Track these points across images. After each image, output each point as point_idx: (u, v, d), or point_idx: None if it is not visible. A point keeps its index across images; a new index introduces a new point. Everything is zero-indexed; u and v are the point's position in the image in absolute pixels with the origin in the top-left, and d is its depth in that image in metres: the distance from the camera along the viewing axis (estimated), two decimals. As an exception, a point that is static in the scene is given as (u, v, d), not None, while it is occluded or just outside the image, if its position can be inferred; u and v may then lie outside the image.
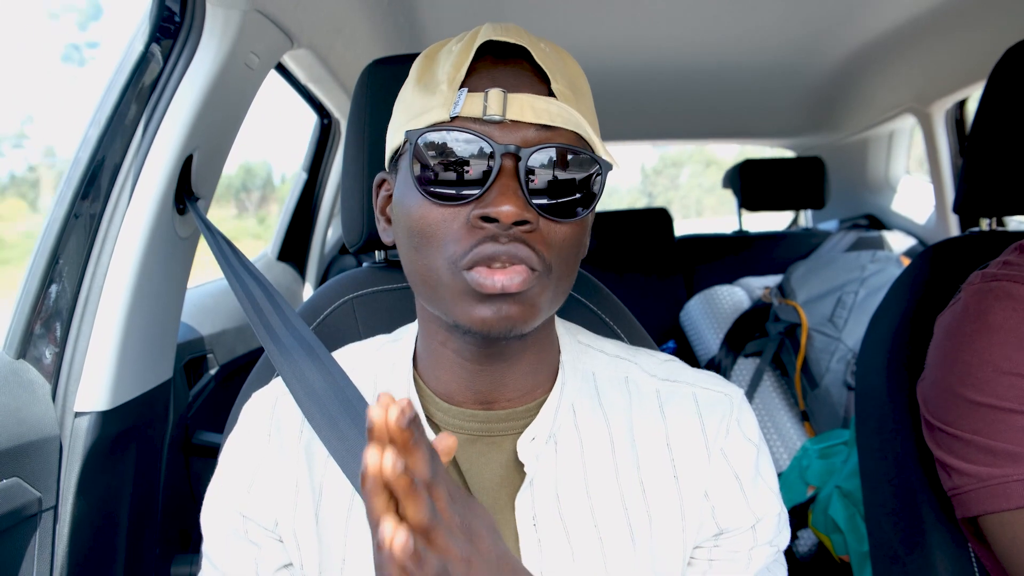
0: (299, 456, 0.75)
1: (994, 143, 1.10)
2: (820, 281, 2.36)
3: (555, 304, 0.69)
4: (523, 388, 0.74)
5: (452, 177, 0.64)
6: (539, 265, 0.64)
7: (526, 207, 0.62)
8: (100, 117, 1.18)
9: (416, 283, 0.69)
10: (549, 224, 0.65)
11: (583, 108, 0.67)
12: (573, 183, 0.65)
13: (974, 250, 1.13)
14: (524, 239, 0.63)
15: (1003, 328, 0.87)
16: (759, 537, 0.73)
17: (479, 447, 0.73)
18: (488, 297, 0.63)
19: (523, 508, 0.71)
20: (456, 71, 0.65)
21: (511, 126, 0.63)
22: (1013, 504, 0.84)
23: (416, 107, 0.67)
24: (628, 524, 0.71)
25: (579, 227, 0.67)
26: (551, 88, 0.65)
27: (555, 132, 0.64)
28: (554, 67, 0.66)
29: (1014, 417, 0.85)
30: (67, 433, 1.15)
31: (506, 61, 0.66)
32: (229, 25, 1.20)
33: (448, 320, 0.67)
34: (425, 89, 0.67)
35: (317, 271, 2.62)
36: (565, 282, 0.68)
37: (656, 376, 0.78)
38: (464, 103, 0.63)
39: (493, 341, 0.67)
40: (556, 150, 0.64)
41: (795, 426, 2.25)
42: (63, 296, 1.17)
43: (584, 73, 0.72)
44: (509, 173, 0.63)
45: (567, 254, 0.67)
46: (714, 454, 0.73)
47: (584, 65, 0.78)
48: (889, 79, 2.52)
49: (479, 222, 0.62)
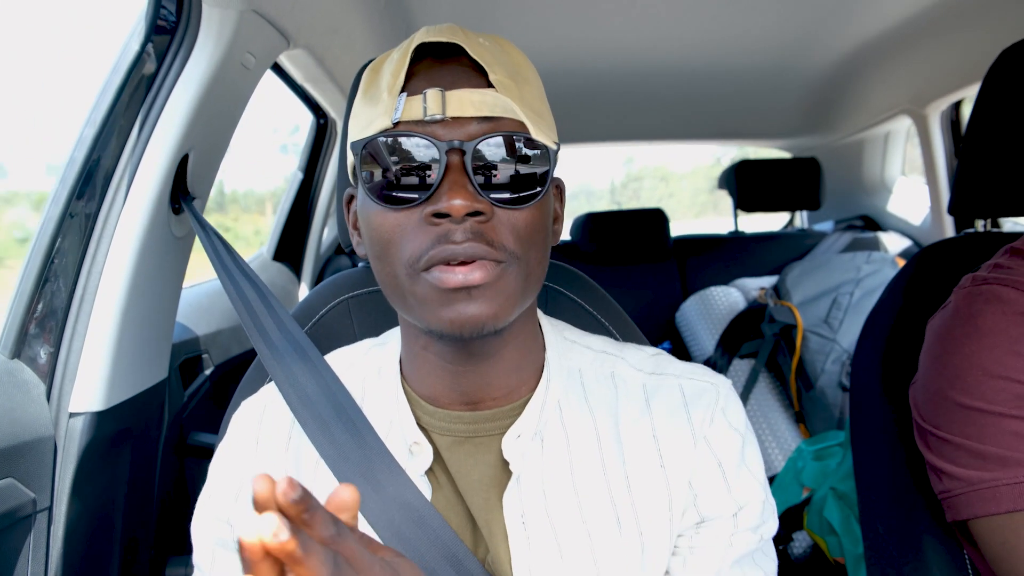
0: (287, 463, 0.75)
1: (989, 145, 1.10)
2: (815, 282, 2.37)
3: (527, 294, 0.69)
4: (508, 386, 0.74)
5: (402, 181, 0.65)
6: (502, 256, 0.64)
7: (476, 198, 0.63)
8: (96, 117, 1.17)
9: (386, 292, 0.70)
10: (507, 213, 0.65)
11: (527, 95, 0.68)
12: (520, 170, 0.66)
13: (968, 251, 1.13)
14: (481, 232, 0.63)
15: (992, 332, 0.87)
16: (740, 523, 0.73)
17: (467, 448, 0.73)
18: (452, 294, 0.63)
19: (511, 506, 0.71)
20: (395, 78, 0.66)
21: (453, 123, 0.64)
22: (1002, 508, 0.84)
23: (363, 119, 0.68)
24: (616, 518, 0.71)
25: (537, 211, 0.68)
26: (491, 80, 0.66)
27: (498, 122, 0.65)
28: (491, 59, 0.67)
29: (1004, 421, 0.85)
30: (62, 433, 1.14)
31: (444, 61, 0.67)
32: (225, 25, 1.19)
33: (421, 326, 0.67)
34: (370, 100, 0.68)
35: (313, 271, 2.62)
36: (536, 270, 0.69)
37: (643, 370, 0.78)
38: (404, 107, 0.65)
39: (470, 341, 0.67)
40: (502, 138, 0.64)
41: (790, 427, 2.26)
42: (58, 296, 1.16)
43: (529, 61, 0.73)
44: (456, 168, 0.63)
45: (530, 240, 0.67)
46: (699, 442, 0.73)
47: (577, 66, 0.78)
48: (885, 80, 2.53)
49: (432, 219, 0.63)
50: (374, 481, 0.71)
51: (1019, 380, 0.84)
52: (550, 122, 0.71)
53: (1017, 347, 0.85)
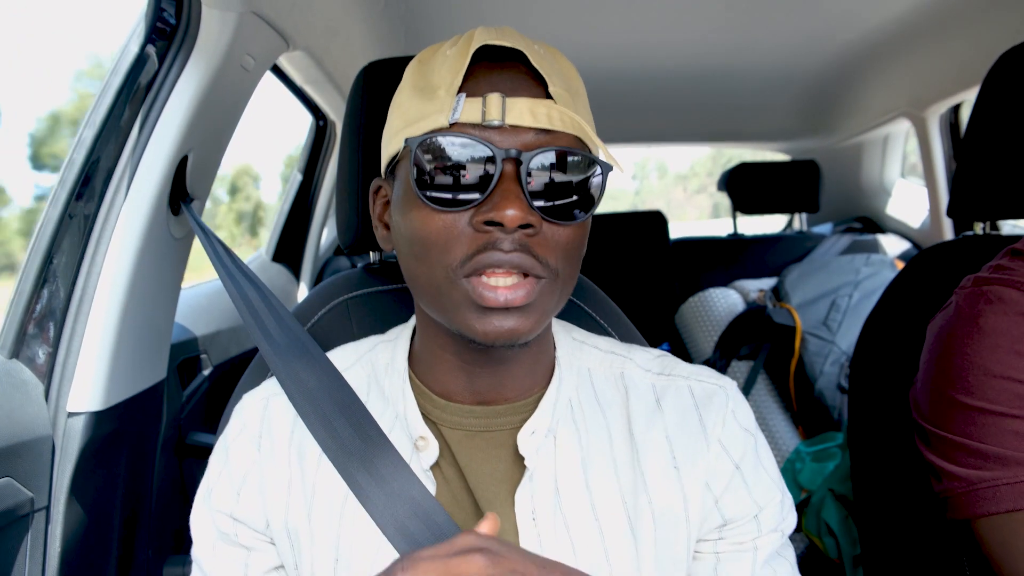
0: (291, 457, 0.75)
1: (988, 147, 1.10)
2: (814, 284, 2.37)
3: (559, 308, 0.69)
4: (521, 387, 0.74)
5: (452, 183, 0.63)
6: (543, 272, 0.64)
7: (529, 211, 0.62)
8: (95, 118, 1.17)
9: (416, 289, 0.69)
10: (552, 228, 0.65)
11: (580, 109, 0.68)
12: (573, 186, 0.65)
13: (967, 254, 1.13)
14: (528, 246, 0.63)
15: (994, 332, 0.88)
16: (763, 526, 0.74)
17: (478, 442, 0.73)
18: (492, 309, 0.63)
19: (523, 503, 0.71)
20: (453, 76, 0.65)
21: (510, 131, 0.63)
22: (1002, 508, 0.85)
23: (413, 113, 0.67)
24: (628, 517, 0.71)
25: (580, 229, 0.67)
26: (548, 91, 0.65)
27: (554, 135, 0.65)
28: (550, 69, 0.66)
29: (1004, 421, 0.85)
30: (60, 433, 1.14)
31: (502, 65, 0.66)
32: (225, 27, 1.20)
33: (451, 328, 0.67)
34: (422, 95, 0.67)
35: (312, 272, 2.62)
36: (569, 285, 0.69)
37: (651, 371, 0.78)
38: (463, 108, 0.63)
39: (495, 349, 0.67)
40: (556, 153, 0.64)
41: (788, 429, 2.26)
42: (57, 296, 1.17)
43: (579, 74, 0.72)
44: (511, 177, 0.63)
45: (570, 257, 0.67)
46: (713, 445, 0.73)
47: (580, 68, 0.78)
48: (884, 83, 2.53)
49: (483, 227, 0.62)
50: (377, 476, 0.71)
51: (1020, 380, 0.85)
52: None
53: (1018, 347, 0.86)
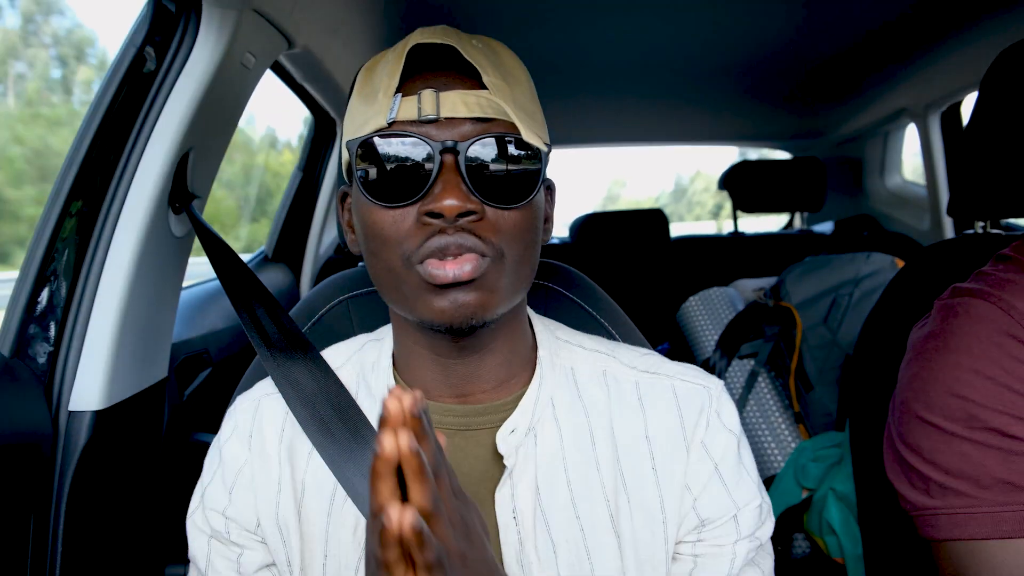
0: (281, 455, 0.76)
1: (988, 145, 1.10)
2: (815, 283, 2.37)
3: (516, 290, 0.70)
4: (497, 379, 0.75)
5: (396, 179, 0.66)
6: (489, 251, 0.66)
7: (468, 198, 0.65)
8: (96, 115, 1.17)
9: (379, 286, 0.71)
10: (497, 212, 0.67)
11: (518, 96, 0.69)
12: (512, 171, 0.67)
13: (968, 252, 1.13)
14: (471, 229, 0.65)
15: (957, 349, 0.85)
16: (742, 528, 0.74)
17: (457, 441, 0.74)
18: (443, 288, 0.65)
19: (503, 502, 0.71)
20: (390, 79, 0.67)
21: (447, 123, 0.66)
22: (941, 536, 0.84)
23: (358, 119, 0.70)
24: (610, 515, 0.72)
25: (528, 212, 0.69)
26: (483, 81, 0.67)
27: (492, 123, 0.67)
28: (484, 61, 0.68)
29: (954, 440, 0.83)
30: (61, 432, 1.14)
31: (437, 62, 0.68)
32: (226, 24, 1.20)
33: (413, 318, 0.69)
34: (365, 100, 0.70)
35: (312, 271, 2.62)
36: (524, 267, 0.70)
37: (635, 368, 0.79)
38: (399, 107, 0.66)
39: (460, 333, 0.69)
40: (494, 139, 0.66)
41: (790, 428, 2.25)
42: (58, 294, 1.16)
43: (521, 63, 0.74)
44: (450, 168, 0.65)
45: (520, 239, 0.69)
46: (693, 447, 0.74)
47: (575, 67, 0.79)
48: (885, 82, 2.53)
49: (426, 219, 0.65)
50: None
51: (973, 400, 0.82)
52: (541, 123, 0.73)
53: (978, 365, 0.83)
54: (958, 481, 0.82)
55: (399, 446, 0.45)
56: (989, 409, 0.81)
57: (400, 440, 0.46)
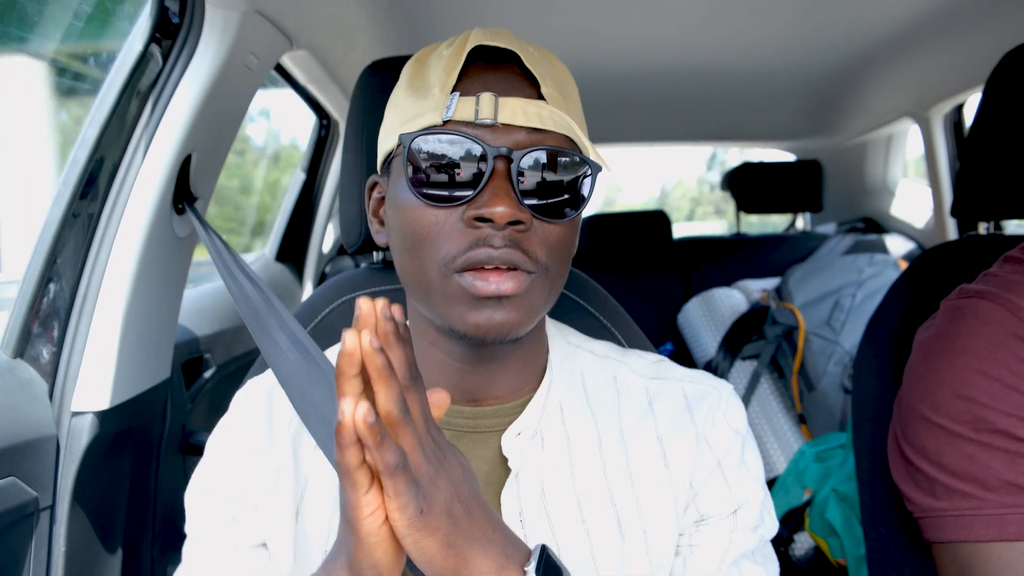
0: (286, 446, 0.75)
1: (991, 147, 1.10)
2: (818, 284, 2.36)
3: (549, 305, 0.70)
4: (511, 387, 0.75)
5: (445, 179, 0.65)
6: (533, 267, 0.65)
7: (519, 208, 0.64)
8: (99, 117, 1.17)
9: (408, 285, 0.70)
10: (542, 225, 0.66)
11: (572, 111, 0.69)
12: (563, 184, 0.67)
13: (971, 254, 1.13)
14: (518, 241, 0.64)
15: (964, 350, 0.85)
16: (740, 522, 0.73)
17: (465, 443, 0.73)
18: (482, 301, 0.64)
19: (509, 503, 0.71)
20: (448, 76, 0.66)
21: (502, 129, 0.65)
22: (947, 537, 0.84)
23: (409, 111, 0.68)
24: (616, 518, 0.72)
25: (570, 228, 0.69)
26: (540, 92, 0.67)
27: (545, 135, 0.66)
28: (543, 71, 0.67)
29: (960, 442, 0.83)
30: (64, 432, 1.14)
31: (496, 66, 0.67)
32: (228, 26, 1.20)
33: (442, 324, 0.68)
34: (417, 93, 0.68)
35: (315, 272, 2.62)
36: (559, 282, 0.70)
37: (645, 375, 0.79)
38: (456, 107, 0.65)
39: (486, 345, 0.68)
40: (547, 152, 0.65)
41: (792, 429, 2.25)
42: (61, 295, 1.17)
43: (572, 76, 0.74)
44: (501, 175, 0.64)
45: (560, 254, 0.68)
46: (700, 442, 0.74)
47: (582, 67, 0.79)
48: (888, 83, 2.52)
49: (473, 223, 0.64)
50: None
51: (980, 402, 0.82)
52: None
53: (985, 367, 0.83)
54: (964, 483, 0.82)
55: (360, 343, 0.44)
56: (996, 411, 0.81)
57: (362, 338, 0.44)
